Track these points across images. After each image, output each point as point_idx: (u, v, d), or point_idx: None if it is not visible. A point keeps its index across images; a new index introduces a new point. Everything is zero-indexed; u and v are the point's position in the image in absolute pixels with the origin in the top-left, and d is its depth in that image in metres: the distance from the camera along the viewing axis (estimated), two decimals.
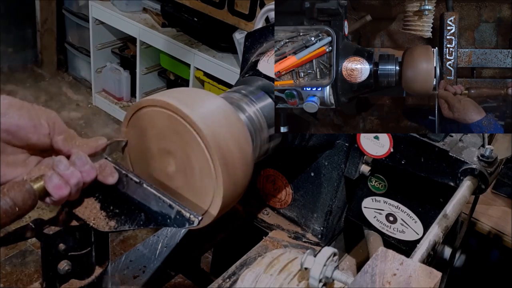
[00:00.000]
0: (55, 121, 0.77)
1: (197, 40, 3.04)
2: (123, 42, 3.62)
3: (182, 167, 0.85)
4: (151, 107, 0.84)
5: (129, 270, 1.12)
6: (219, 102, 0.89)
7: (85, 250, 0.86)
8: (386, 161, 1.10)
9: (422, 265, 0.75)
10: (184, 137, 0.82)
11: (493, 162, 1.01)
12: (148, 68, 3.43)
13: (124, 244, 2.65)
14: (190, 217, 0.77)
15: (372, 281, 0.71)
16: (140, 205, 0.81)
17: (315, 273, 0.81)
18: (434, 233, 0.85)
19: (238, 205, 1.34)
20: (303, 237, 1.29)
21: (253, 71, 1.08)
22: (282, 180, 1.30)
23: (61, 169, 0.75)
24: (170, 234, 1.22)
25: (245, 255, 1.18)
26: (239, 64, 2.57)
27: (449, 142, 1.05)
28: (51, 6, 3.74)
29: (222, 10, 2.73)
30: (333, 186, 1.22)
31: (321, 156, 1.20)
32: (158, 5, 3.26)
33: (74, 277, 0.88)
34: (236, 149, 0.84)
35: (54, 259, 0.84)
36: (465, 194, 0.96)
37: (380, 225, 1.25)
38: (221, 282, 1.09)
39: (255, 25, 1.30)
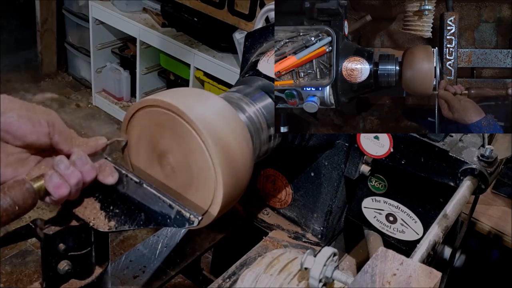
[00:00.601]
0: (55, 121, 0.77)
1: (197, 40, 3.04)
2: (123, 42, 3.62)
3: (182, 167, 0.85)
4: (151, 107, 0.84)
5: (129, 270, 1.12)
6: (219, 102, 0.89)
7: (85, 250, 0.86)
8: (386, 161, 1.10)
9: (422, 265, 0.75)
10: (184, 137, 0.82)
11: (493, 162, 1.01)
12: (148, 68, 3.43)
13: (124, 244, 2.65)
14: (190, 217, 0.77)
15: (372, 281, 0.71)
16: (140, 205, 0.81)
17: (315, 273, 0.81)
18: (434, 233, 0.85)
19: (238, 205, 1.34)
20: (303, 237, 1.29)
21: (253, 71, 1.08)
22: (282, 180, 1.30)
23: (61, 168, 0.75)
24: (170, 234, 1.22)
25: (245, 255, 1.18)
26: (239, 64, 2.56)
27: (449, 142, 1.05)
28: (51, 6, 3.74)
29: (222, 10, 2.73)
30: (333, 186, 1.22)
31: (321, 156, 1.20)
32: (158, 5, 3.26)
33: (74, 277, 0.88)
34: (236, 149, 0.84)
35: (54, 259, 0.84)
36: (465, 194, 0.96)
37: (380, 225, 1.25)
38: (221, 282, 1.09)
39: (255, 25, 1.30)
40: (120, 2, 3.27)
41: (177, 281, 1.38)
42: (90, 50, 3.57)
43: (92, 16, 3.41)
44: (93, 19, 3.42)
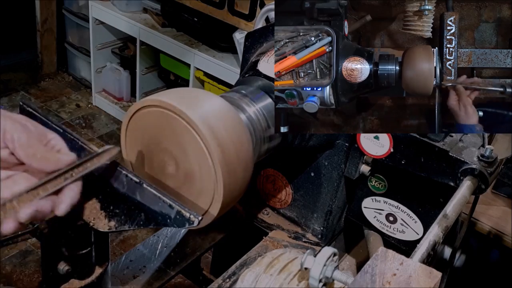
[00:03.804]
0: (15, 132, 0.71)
1: (197, 40, 3.04)
2: (123, 42, 3.62)
3: (182, 167, 0.85)
4: (151, 107, 0.84)
5: (129, 270, 1.12)
6: (219, 102, 0.89)
7: (85, 250, 0.86)
8: (386, 161, 1.10)
9: (422, 265, 0.75)
10: (184, 137, 0.82)
11: (493, 162, 1.01)
12: (148, 68, 3.43)
13: (124, 244, 2.65)
14: (190, 217, 0.77)
15: (372, 281, 0.71)
16: (140, 205, 0.80)
17: (315, 273, 0.81)
18: (434, 233, 0.85)
19: (238, 205, 1.34)
20: (303, 237, 1.29)
21: (253, 71, 1.08)
22: (282, 180, 1.30)
23: None
24: (170, 234, 1.22)
25: (245, 255, 1.18)
26: (239, 64, 2.57)
27: (449, 142, 1.05)
28: (51, 6, 3.74)
29: (222, 10, 2.73)
30: (333, 186, 1.22)
31: (321, 156, 1.20)
32: (158, 5, 3.26)
33: (74, 277, 0.88)
34: (236, 149, 0.84)
35: (54, 259, 0.84)
36: (465, 194, 0.96)
37: (380, 225, 1.25)
38: (221, 282, 1.09)
39: (255, 25, 1.30)
40: (120, 2, 3.27)
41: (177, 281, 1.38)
42: (90, 50, 3.57)
43: (92, 16, 3.41)
44: (93, 19, 3.43)
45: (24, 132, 0.72)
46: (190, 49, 2.95)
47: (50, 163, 0.72)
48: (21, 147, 0.71)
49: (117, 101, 3.65)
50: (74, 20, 3.68)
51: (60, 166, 0.73)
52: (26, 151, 0.72)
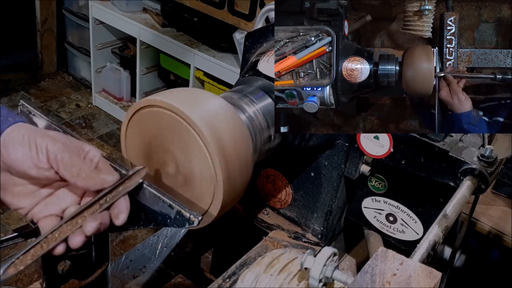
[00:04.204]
0: (58, 153, 0.73)
1: (197, 40, 3.04)
2: (123, 42, 3.62)
3: (182, 167, 0.85)
4: (151, 107, 0.84)
5: (129, 270, 1.12)
6: (219, 102, 0.89)
7: (85, 250, 0.86)
8: (386, 161, 1.10)
9: (422, 265, 0.75)
10: (184, 137, 0.82)
11: (493, 162, 1.01)
12: (148, 68, 3.43)
13: (124, 244, 2.65)
14: (190, 217, 0.77)
15: (372, 281, 0.71)
16: (140, 205, 0.80)
17: (315, 273, 0.81)
18: (434, 233, 0.85)
19: (238, 205, 1.34)
20: (303, 237, 1.29)
21: (253, 71, 1.08)
22: (282, 180, 1.30)
23: None
24: (170, 234, 1.22)
25: (245, 255, 1.18)
26: (239, 64, 2.57)
27: (449, 142, 1.05)
28: (51, 6, 3.74)
29: (222, 10, 2.73)
30: (333, 186, 1.22)
31: (321, 156, 1.20)
32: (158, 5, 3.26)
33: (74, 277, 0.88)
34: (236, 149, 0.84)
35: (54, 259, 0.84)
36: (465, 194, 0.96)
37: (380, 225, 1.25)
38: (221, 282, 1.09)
39: (255, 25, 1.30)
40: (120, 2, 3.28)
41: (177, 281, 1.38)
42: (90, 50, 3.57)
43: (92, 16, 3.41)
44: (93, 19, 3.43)
45: (66, 151, 0.74)
46: (190, 49, 2.95)
47: (96, 183, 0.75)
48: (65, 167, 0.73)
49: (117, 101, 3.65)
50: (74, 20, 3.68)
51: (104, 186, 0.76)
52: (70, 171, 0.73)
